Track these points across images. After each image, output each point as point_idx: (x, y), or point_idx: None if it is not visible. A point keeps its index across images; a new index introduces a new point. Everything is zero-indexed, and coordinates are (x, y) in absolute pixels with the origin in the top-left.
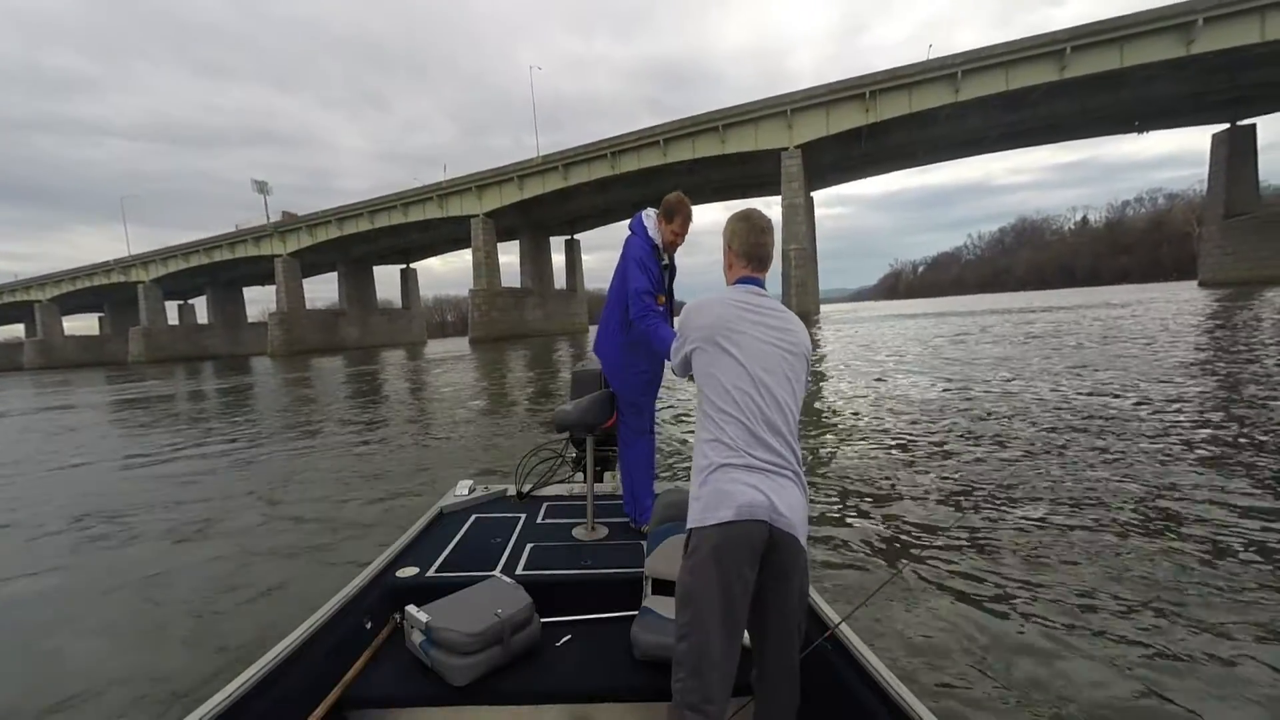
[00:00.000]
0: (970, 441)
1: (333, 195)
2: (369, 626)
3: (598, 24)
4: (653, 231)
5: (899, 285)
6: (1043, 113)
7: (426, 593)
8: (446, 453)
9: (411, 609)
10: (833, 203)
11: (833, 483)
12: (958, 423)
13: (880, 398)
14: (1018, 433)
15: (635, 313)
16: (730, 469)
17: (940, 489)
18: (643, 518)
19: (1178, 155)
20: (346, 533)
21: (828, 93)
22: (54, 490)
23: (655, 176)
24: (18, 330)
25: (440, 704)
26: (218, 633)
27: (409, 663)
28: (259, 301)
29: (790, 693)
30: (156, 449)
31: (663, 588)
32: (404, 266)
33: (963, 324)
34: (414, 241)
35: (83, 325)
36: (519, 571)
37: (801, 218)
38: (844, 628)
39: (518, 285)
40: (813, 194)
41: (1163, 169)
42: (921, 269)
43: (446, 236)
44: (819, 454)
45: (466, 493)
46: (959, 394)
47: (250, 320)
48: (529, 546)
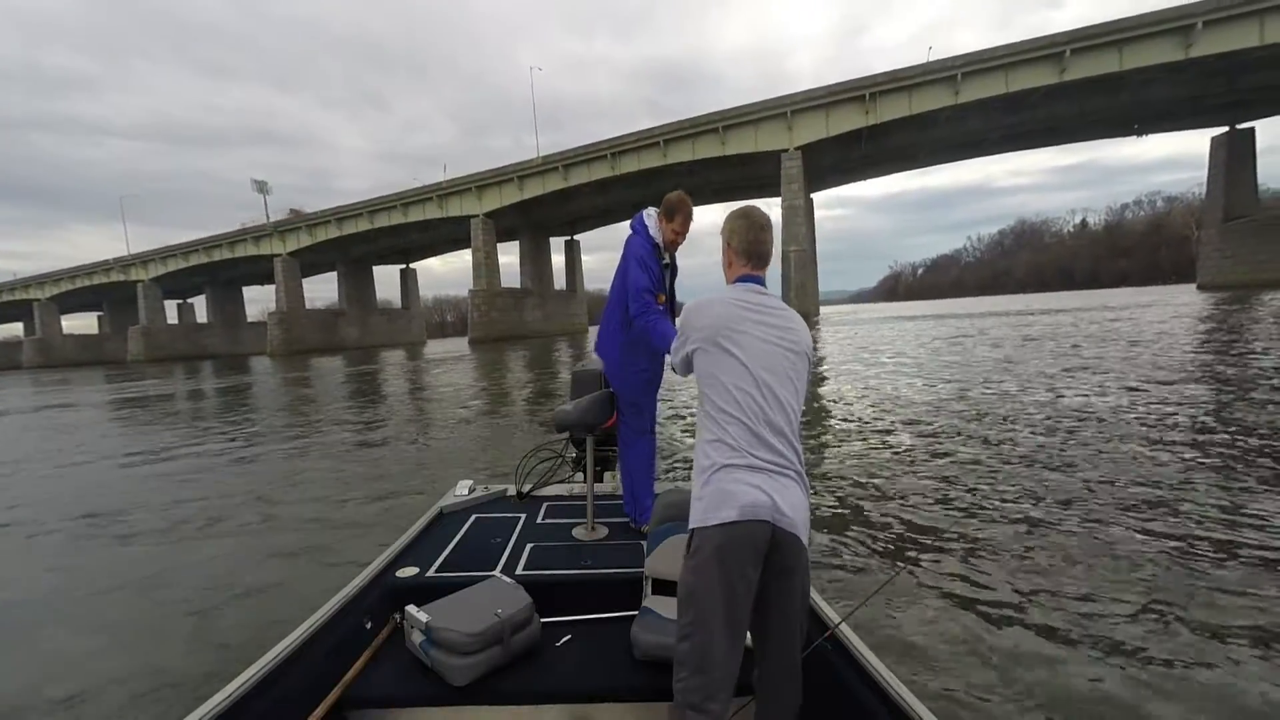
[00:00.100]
0: (969, 443)
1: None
2: (369, 626)
3: (598, 24)
4: (654, 230)
5: (898, 287)
6: (1042, 115)
7: (426, 593)
8: (446, 453)
9: (411, 609)
10: (832, 204)
11: (833, 483)
12: (956, 424)
13: (879, 399)
14: (1016, 434)
15: (635, 310)
16: (733, 469)
17: (939, 489)
18: (643, 518)
19: (1177, 158)
20: (346, 532)
21: (828, 94)
22: (54, 489)
23: (655, 177)
24: (16, 329)
25: (440, 704)
26: (217, 632)
27: (409, 663)
28: (258, 301)
29: (792, 693)
30: (156, 448)
31: (663, 588)
32: (404, 266)
33: (961, 326)
34: (414, 241)
35: (81, 324)
36: (519, 571)
37: (801, 219)
38: (844, 628)
39: (517, 286)
40: (812, 196)
41: (1162, 172)
42: (921, 271)
43: (446, 237)
44: (819, 454)
45: (466, 493)
46: (957, 396)
47: (250, 320)
48: (529, 546)
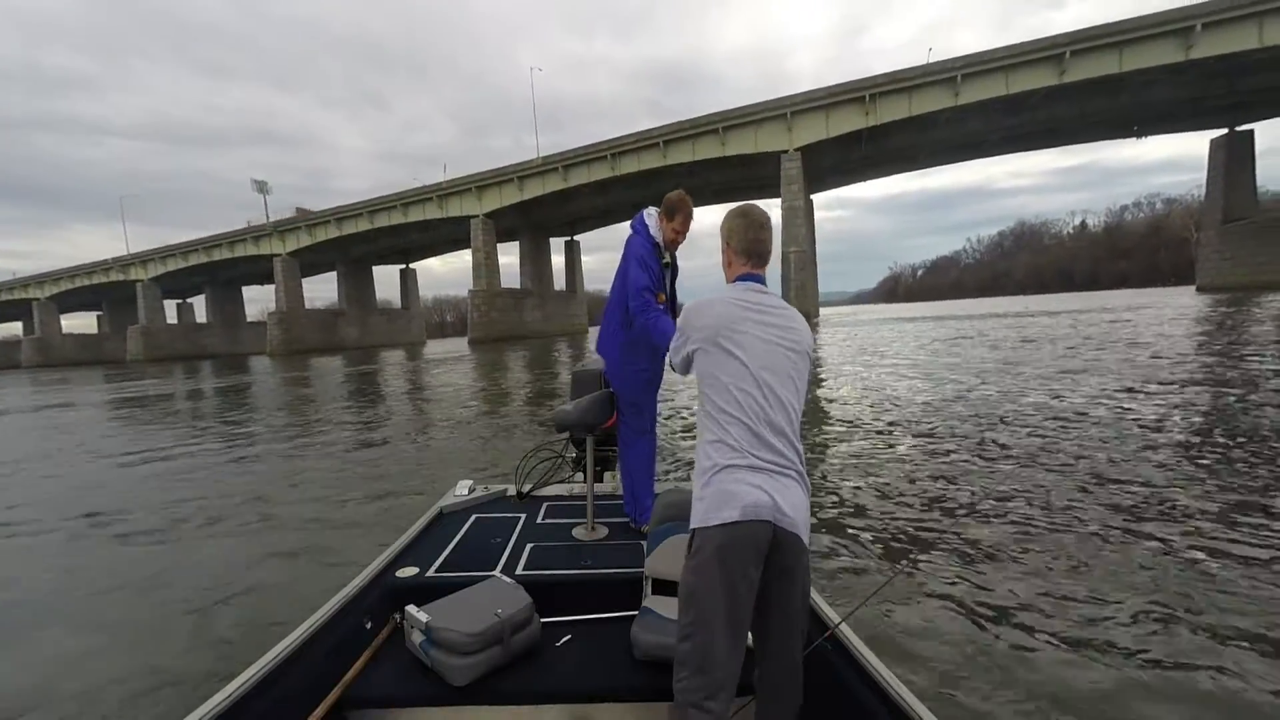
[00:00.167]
0: (968, 443)
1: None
2: (369, 626)
3: (598, 24)
4: (654, 230)
5: (898, 288)
6: (1042, 116)
7: (426, 593)
8: (446, 453)
9: (411, 609)
10: (832, 205)
11: (833, 483)
12: (955, 425)
13: (879, 399)
14: (1014, 435)
15: (635, 308)
16: (734, 470)
17: (939, 490)
18: (643, 518)
19: (1176, 160)
20: (345, 532)
21: (828, 95)
22: (54, 489)
23: (655, 178)
24: (15, 328)
25: (440, 704)
26: (217, 632)
27: (409, 663)
28: (258, 301)
29: (793, 692)
30: (157, 448)
31: (663, 588)
32: (403, 267)
33: (960, 328)
34: (413, 242)
35: (80, 324)
36: (519, 571)
37: (801, 220)
38: (844, 628)
39: (517, 286)
40: (812, 197)
41: (1161, 174)
42: (921, 272)
43: (446, 237)
44: (819, 454)
45: (466, 493)
46: (956, 397)
47: (249, 320)
48: (529, 546)
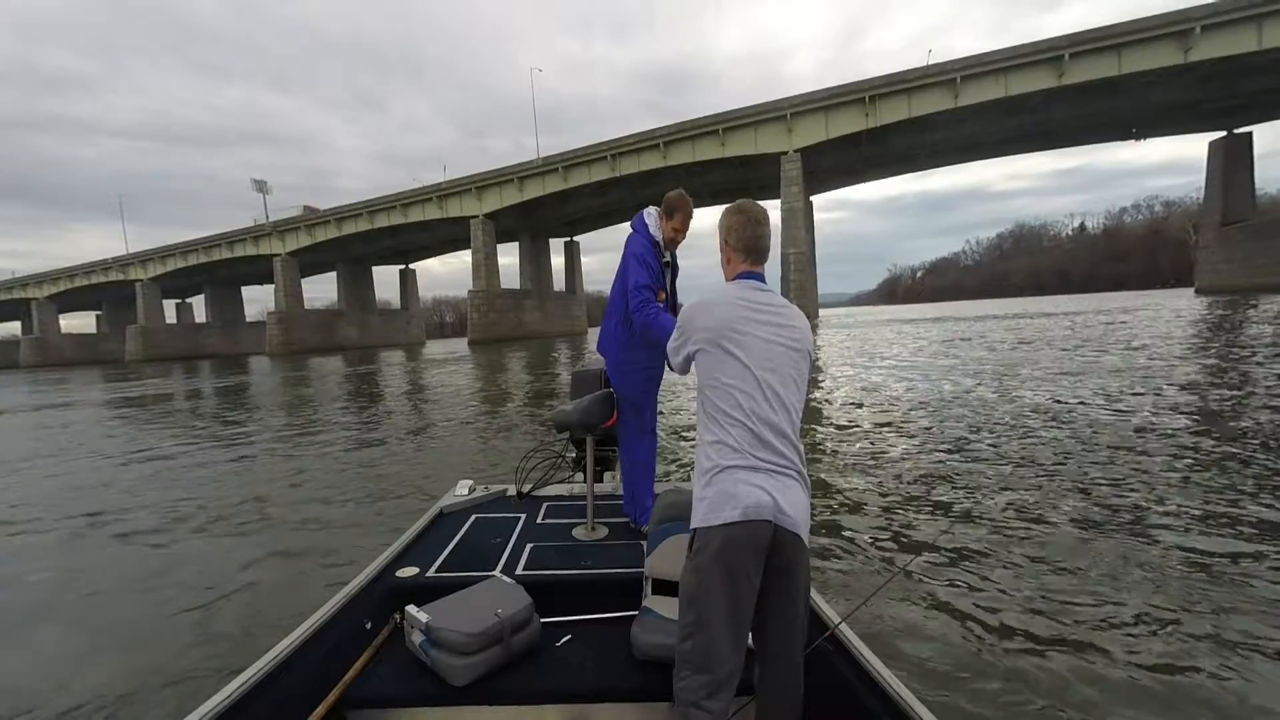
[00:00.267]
0: (967, 444)
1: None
2: (369, 626)
3: (596, 25)
4: (654, 229)
5: (897, 290)
6: (1041, 119)
7: (426, 593)
8: (446, 453)
9: (411, 609)
10: (831, 207)
11: (833, 483)
12: (955, 425)
13: (878, 400)
14: (1014, 436)
15: (634, 305)
16: (735, 470)
17: (939, 490)
18: (642, 518)
19: (1174, 162)
20: (345, 533)
21: (827, 97)
22: (54, 488)
23: (655, 179)
24: (14, 328)
25: (440, 704)
26: (216, 632)
27: (409, 663)
28: (257, 301)
29: (793, 692)
30: (157, 448)
31: (663, 588)
32: (403, 267)
33: (959, 329)
34: (413, 242)
35: (79, 323)
36: (519, 571)
37: (801, 221)
38: (844, 628)
39: (517, 287)
40: (812, 198)
41: (1159, 176)
42: (920, 274)
43: (446, 237)
44: (819, 454)
45: (466, 493)
46: (955, 398)
47: (248, 320)
48: (529, 546)
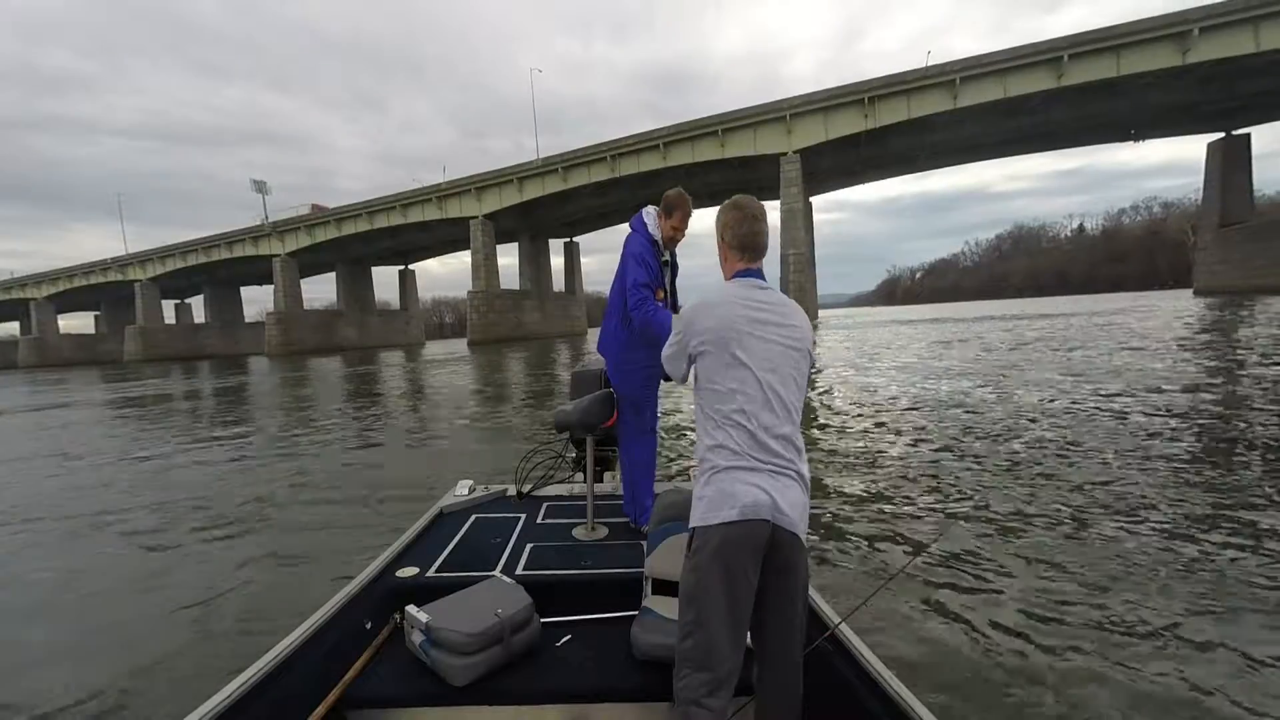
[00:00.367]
0: (966, 445)
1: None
2: (369, 626)
3: (595, 25)
4: (652, 228)
5: (896, 291)
6: (1040, 120)
7: (426, 593)
8: (446, 453)
9: (411, 609)
10: (831, 208)
11: (833, 483)
12: (953, 427)
13: (877, 401)
14: (1012, 437)
15: (632, 304)
16: (734, 470)
17: (939, 490)
18: (642, 518)
19: (1173, 164)
20: (345, 532)
21: (827, 98)
22: (54, 488)
23: (655, 180)
24: (12, 328)
25: (440, 704)
26: (216, 632)
27: (409, 663)
28: (256, 301)
29: (792, 691)
30: (157, 447)
31: (663, 588)
32: (402, 268)
33: (958, 330)
34: (413, 243)
35: (78, 324)
36: (519, 571)
37: (800, 222)
38: (844, 628)
39: (516, 287)
40: (811, 199)
41: (1158, 177)
42: (919, 275)
43: (445, 238)
44: (819, 455)
45: (466, 493)
46: (953, 399)
47: (247, 320)
48: (529, 546)
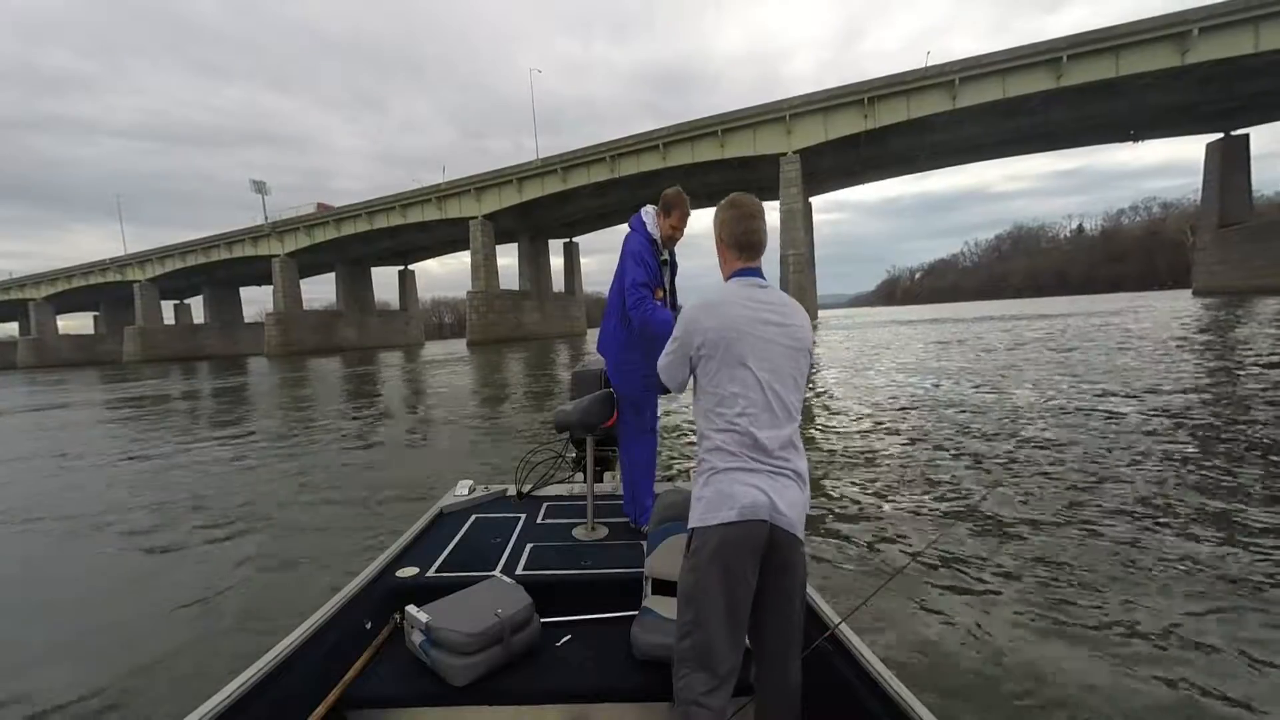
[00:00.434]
0: (964, 445)
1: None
2: (369, 626)
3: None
4: (651, 227)
5: (896, 291)
6: (1039, 120)
7: (426, 593)
8: (446, 453)
9: (411, 609)
10: (830, 208)
11: (832, 484)
12: (952, 427)
13: (876, 401)
14: (1011, 437)
15: (630, 303)
16: (732, 471)
17: (939, 490)
18: (642, 518)
19: (1172, 164)
20: (344, 532)
21: (826, 98)
22: (55, 488)
23: (654, 180)
24: (11, 329)
25: (440, 704)
26: (216, 632)
27: (409, 663)
28: (256, 302)
29: (792, 691)
30: (158, 447)
31: (663, 588)
32: (402, 268)
33: (957, 331)
34: (412, 243)
35: (76, 324)
36: (519, 571)
37: (800, 223)
38: (844, 628)
39: (516, 288)
40: (811, 199)
41: (1157, 178)
42: (918, 275)
43: (445, 238)
44: (819, 454)
45: (466, 493)
46: (952, 399)
47: (247, 320)
48: (529, 546)
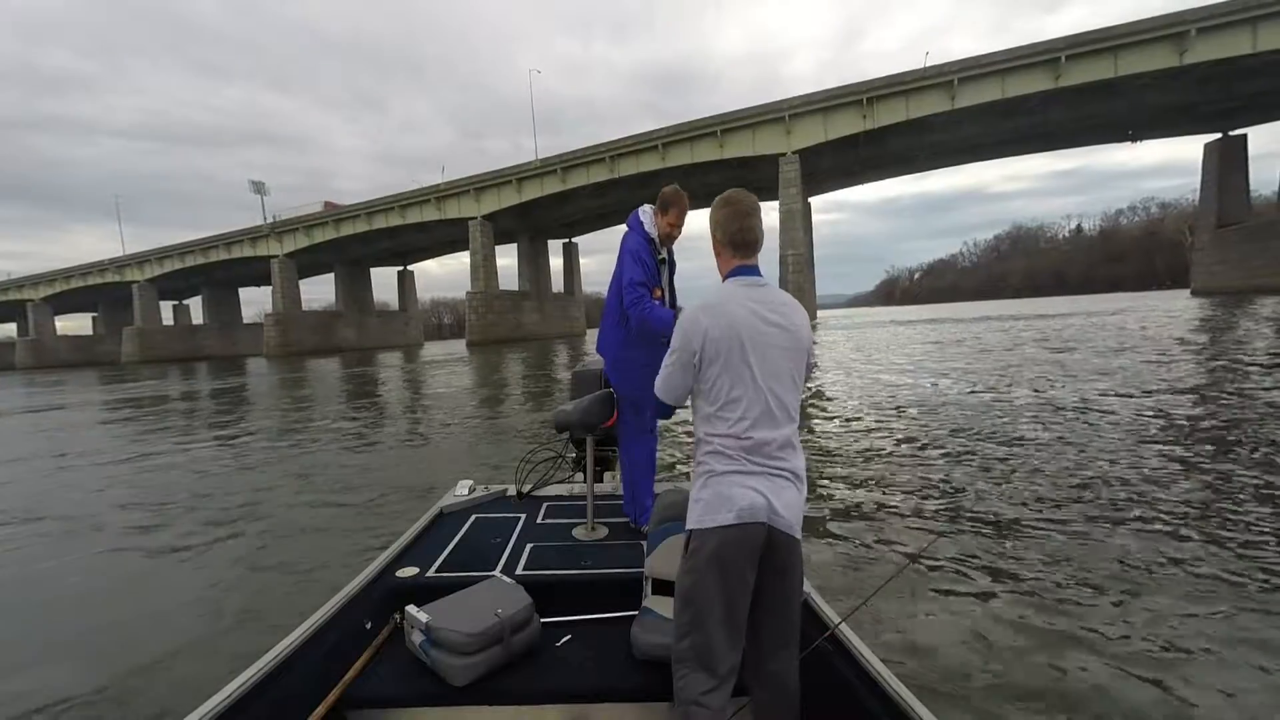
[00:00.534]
0: (964, 445)
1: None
2: (369, 626)
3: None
4: (649, 226)
5: (895, 291)
6: (1038, 120)
7: (426, 593)
8: (445, 453)
9: (411, 609)
10: (829, 208)
11: (831, 484)
12: (951, 427)
13: (875, 401)
14: (1011, 436)
15: (628, 302)
16: (731, 474)
17: (940, 490)
18: (642, 518)
19: (1170, 164)
20: (344, 533)
21: (826, 99)
22: (56, 487)
23: (653, 180)
24: (9, 330)
25: (440, 704)
26: (215, 632)
27: (409, 663)
28: (255, 302)
29: (790, 691)
30: (157, 448)
31: (663, 588)
32: (401, 269)
33: (956, 331)
34: (411, 243)
35: (75, 325)
36: (519, 571)
37: (799, 223)
38: (844, 628)
39: (515, 288)
40: (810, 199)
41: (1156, 178)
42: (918, 275)
43: (444, 239)
44: (819, 454)
45: (466, 493)
46: (951, 399)
47: (246, 321)
48: (529, 546)
